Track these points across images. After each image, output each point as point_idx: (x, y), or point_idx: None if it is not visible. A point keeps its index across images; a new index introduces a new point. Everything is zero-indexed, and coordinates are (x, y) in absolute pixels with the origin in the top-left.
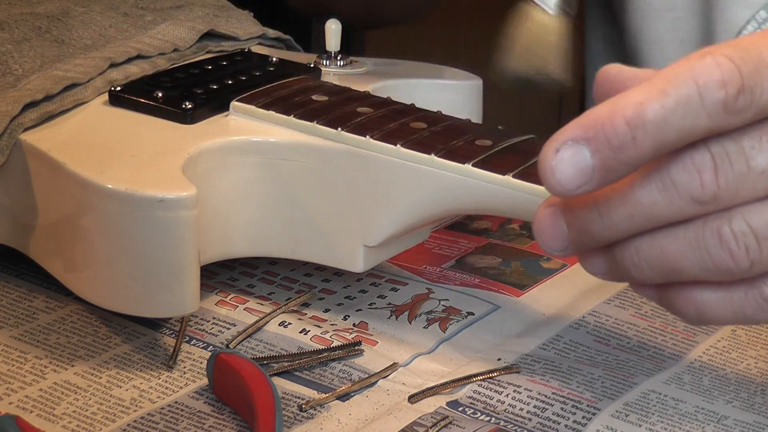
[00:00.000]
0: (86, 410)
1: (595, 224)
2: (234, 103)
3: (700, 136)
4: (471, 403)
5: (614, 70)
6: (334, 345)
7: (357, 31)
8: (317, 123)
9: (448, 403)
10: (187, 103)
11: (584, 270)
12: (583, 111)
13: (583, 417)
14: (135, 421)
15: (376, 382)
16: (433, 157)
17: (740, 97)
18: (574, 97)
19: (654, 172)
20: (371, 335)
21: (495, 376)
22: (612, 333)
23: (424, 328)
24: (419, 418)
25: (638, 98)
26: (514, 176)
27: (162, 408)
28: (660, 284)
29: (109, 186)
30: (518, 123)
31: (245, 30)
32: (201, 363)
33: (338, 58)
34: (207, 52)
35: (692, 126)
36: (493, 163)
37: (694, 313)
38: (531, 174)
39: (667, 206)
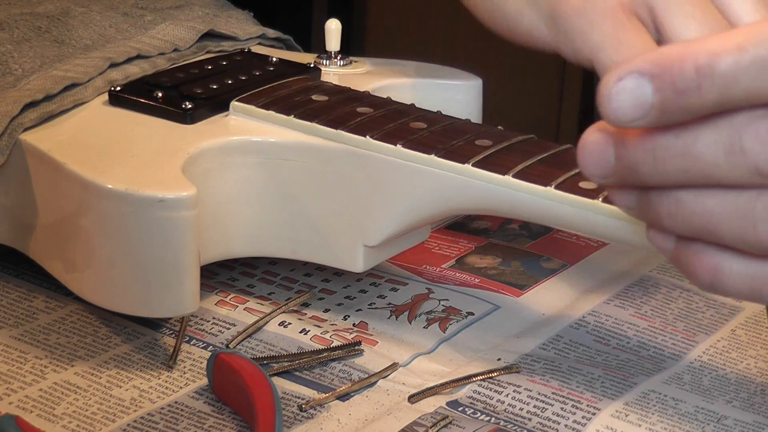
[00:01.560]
0: (86, 410)
1: (647, 167)
2: (234, 103)
3: None
4: (471, 403)
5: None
6: (334, 345)
7: (357, 31)
8: (317, 123)
9: (448, 403)
10: (187, 103)
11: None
12: (582, 109)
13: (583, 417)
14: (135, 420)
15: (376, 382)
16: (433, 157)
17: None
18: (573, 95)
19: (724, 132)
20: (371, 335)
21: (495, 376)
22: (612, 333)
23: (424, 328)
24: (419, 418)
25: (713, 47)
26: (514, 176)
27: (162, 408)
28: (683, 238)
29: (109, 186)
30: (518, 123)
31: (245, 30)
32: (201, 363)
33: (338, 58)
34: (207, 52)
35: (763, 89)
36: (493, 163)
37: (709, 279)
38: (531, 174)
39: (728, 170)
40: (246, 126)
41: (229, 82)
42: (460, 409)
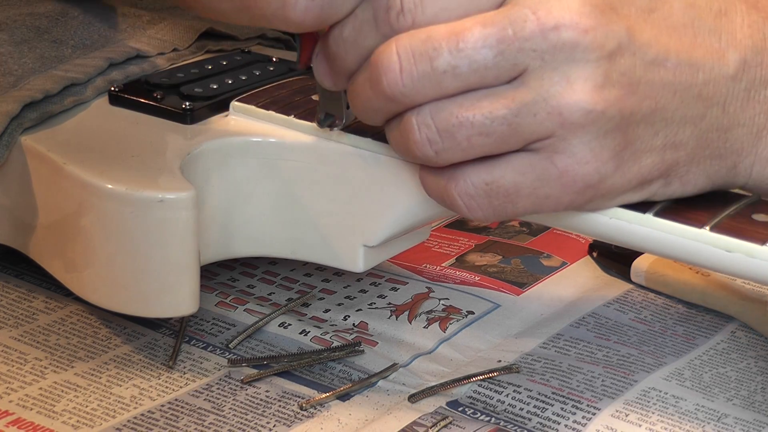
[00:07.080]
0: (86, 406)
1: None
2: (234, 103)
3: None
4: (471, 403)
5: None
6: (334, 346)
7: None
8: None
9: (448, 403)
10: (187, 103)
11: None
12: None
13: (583, 417)
14: (135, 417)
15: (376, 382)
16: None
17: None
18: None
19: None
20: (371, 335)
21: (495, 376)
22: (612, 331)
23: (424, 328)
24: (419, 418)
25: None
26: None
27: (162, 405)
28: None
29: (109, 186)
30: None
31: (244, 30)
32: (201, 363)
33: None
34: (206, 52)
35: None
36: None
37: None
38: None
39: (374, 103)
40: (246, 126)
41: (229, 82)
42: (460, 409)
